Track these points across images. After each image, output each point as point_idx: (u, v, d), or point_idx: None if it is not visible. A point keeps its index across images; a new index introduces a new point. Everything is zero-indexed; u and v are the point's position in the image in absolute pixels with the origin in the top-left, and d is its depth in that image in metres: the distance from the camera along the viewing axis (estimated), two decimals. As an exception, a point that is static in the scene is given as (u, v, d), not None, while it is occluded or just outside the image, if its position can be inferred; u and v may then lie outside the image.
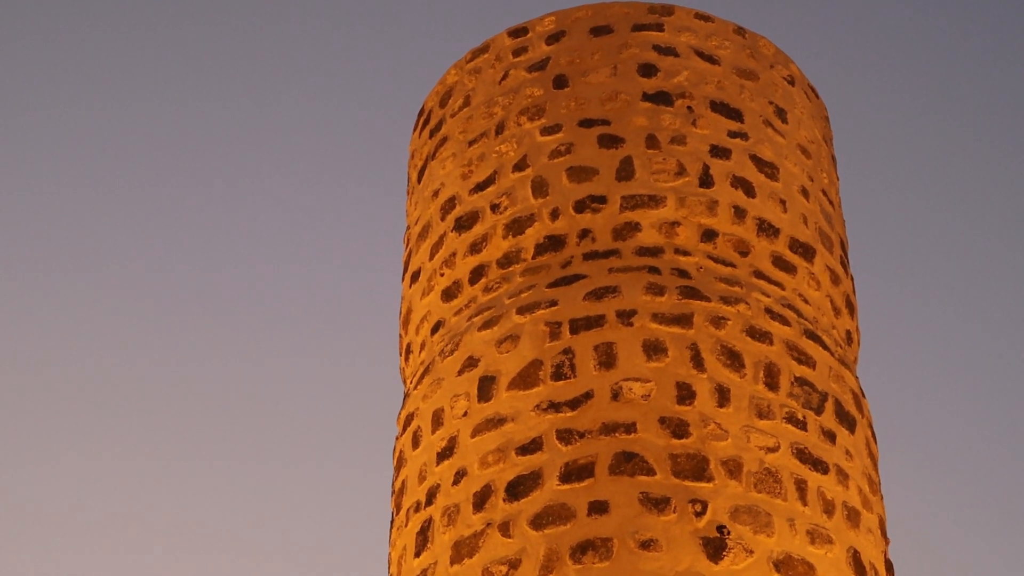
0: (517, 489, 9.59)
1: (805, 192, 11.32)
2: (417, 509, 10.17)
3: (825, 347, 10.51)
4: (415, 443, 10.50)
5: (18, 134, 27.92)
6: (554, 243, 10.73)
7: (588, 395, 9.78)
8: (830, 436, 10.07)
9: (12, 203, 27.62)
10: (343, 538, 26.87)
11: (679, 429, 9.61)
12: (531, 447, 9.71)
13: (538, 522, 9.41)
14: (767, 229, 10.88)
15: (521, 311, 10.33)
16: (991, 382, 27.35)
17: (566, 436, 9.66)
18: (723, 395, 9.81)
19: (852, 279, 11.58)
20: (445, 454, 10.12)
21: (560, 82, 11.44)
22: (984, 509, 26.68)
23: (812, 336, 10.47)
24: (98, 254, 27.81)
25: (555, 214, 10.79)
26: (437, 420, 10.34)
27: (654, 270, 10.39)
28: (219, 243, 28.39)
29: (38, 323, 27.45)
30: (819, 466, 9.85)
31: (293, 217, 28.83)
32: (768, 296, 10.53)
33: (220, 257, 28.32)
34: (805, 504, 9.62)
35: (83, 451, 27.02)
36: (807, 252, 11.02)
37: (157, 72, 28.81)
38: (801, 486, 9.67)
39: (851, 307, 11.35)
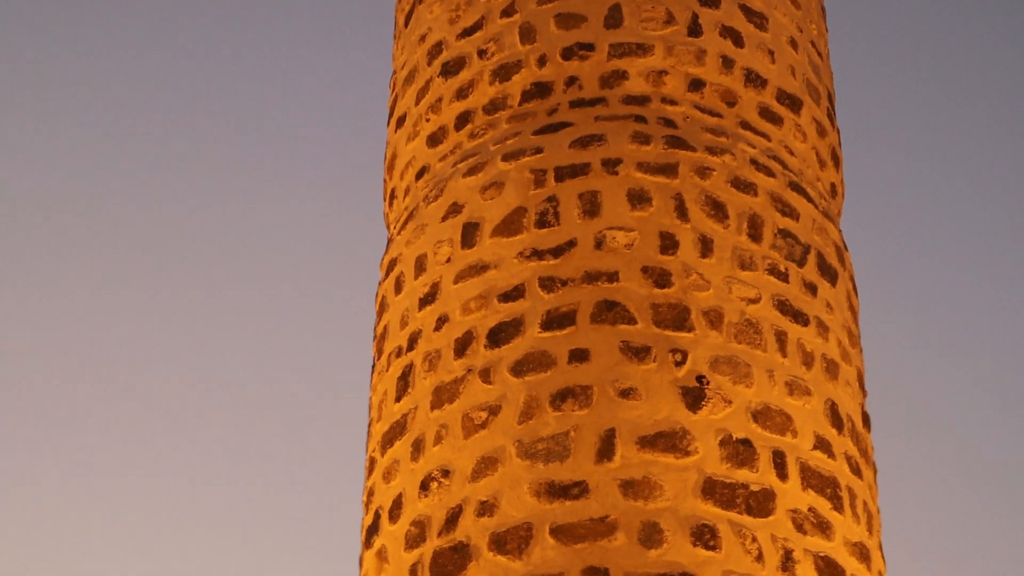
0: (499, 336, 9.62)
1: (794, 43, 11.24)
2: (399, 354, 10.20)
3: (809, 199, 10.50)
4: (397, 288, 10.51)
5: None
6: (541, 90, 10.66)
7: (571, 243, 9.77)
8: (811, 288, 10.08)
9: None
10: (323, 367, 27.05)
11: (661, 279, 9.62)
12: (513, 294, 9.72)
13: (519, 369, 9.44)
14: (754, 80, 10.81)
15: (506, 158, 10.29)
16: (975, 235, 27.41)
17: (548, 284, 9.67)
18: (706, 245, 9.81)
19: (838, 131, 11.54)
20: (427, 300, 10.13)
21: (550, -74, 11.28)
22: (967, 362, 26.87)
23: (797, 188, 10.45)
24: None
25: (542, 61, 10.71)
26: (420, 266, 10.33)
27: (640, 119, 10.34)
28: (197, 94, 28.24)
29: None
30: (800, 318, 9.88)
31: (278, 63, 28.63)
32: (754, 147, 10.49)
33: (202, 106, 28.19)
34: (784, 356, 9.66)
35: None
36: (794, 103, 10.96)
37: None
38: (781, 338, 9.71)
39: (836, 159, 11.32)
